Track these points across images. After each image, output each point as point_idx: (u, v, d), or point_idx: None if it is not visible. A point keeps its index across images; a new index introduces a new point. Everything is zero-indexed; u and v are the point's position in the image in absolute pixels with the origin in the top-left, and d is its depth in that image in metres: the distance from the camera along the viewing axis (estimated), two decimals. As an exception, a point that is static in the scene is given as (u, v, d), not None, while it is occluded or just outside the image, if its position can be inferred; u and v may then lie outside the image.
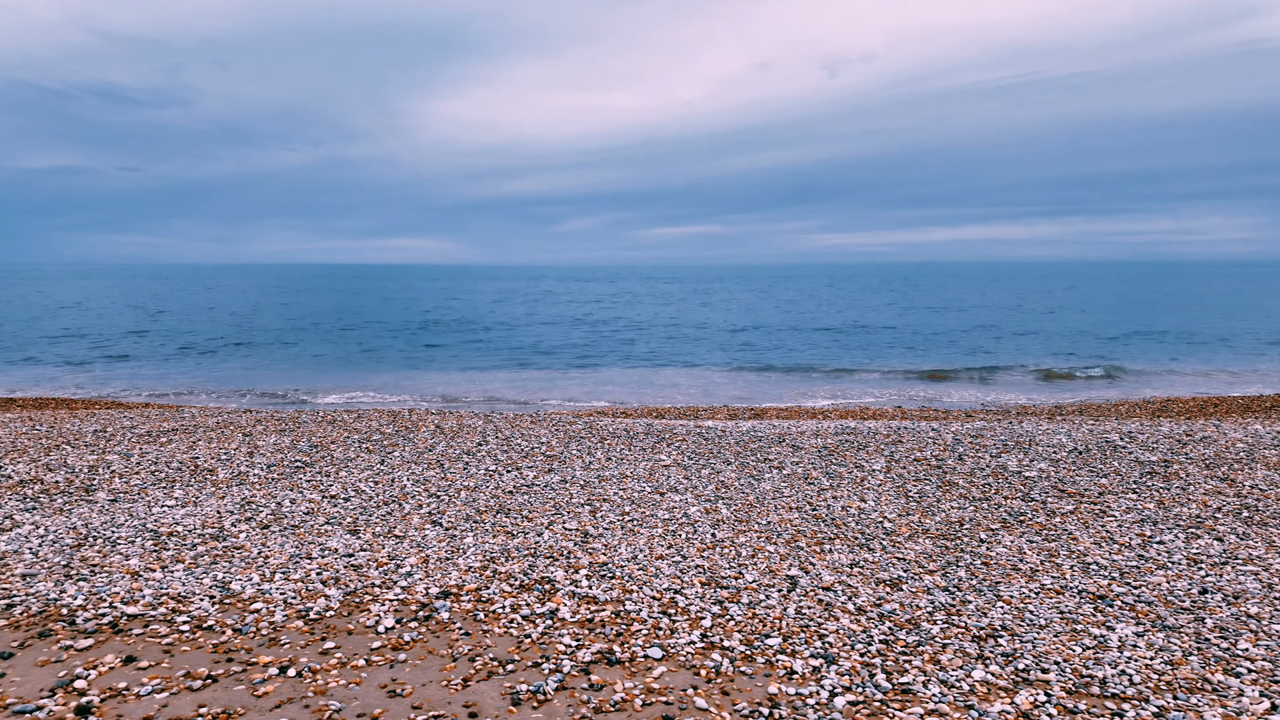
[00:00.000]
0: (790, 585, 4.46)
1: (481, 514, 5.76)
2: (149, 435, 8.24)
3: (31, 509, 5.82)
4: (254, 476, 6.71)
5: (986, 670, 3.46)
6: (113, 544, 5.08)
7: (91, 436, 8.13)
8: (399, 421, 9.14)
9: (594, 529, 5.42)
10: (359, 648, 3.69)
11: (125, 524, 5.45)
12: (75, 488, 6.36)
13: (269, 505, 5.90)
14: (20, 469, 6.79)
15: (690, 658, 3.59)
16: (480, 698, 3.23)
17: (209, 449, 7.59)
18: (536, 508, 5.91)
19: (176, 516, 5.63)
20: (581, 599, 4.25)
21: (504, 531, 5.38)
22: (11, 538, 5.20)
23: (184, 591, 4.31)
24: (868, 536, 5.32)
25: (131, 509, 5.82)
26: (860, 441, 8.11)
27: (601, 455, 7.50)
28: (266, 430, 8.52)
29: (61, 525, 5.43)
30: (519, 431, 8.60)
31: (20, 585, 4.39)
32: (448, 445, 7.86)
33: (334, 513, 5.75)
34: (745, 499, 6.15)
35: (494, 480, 6.68)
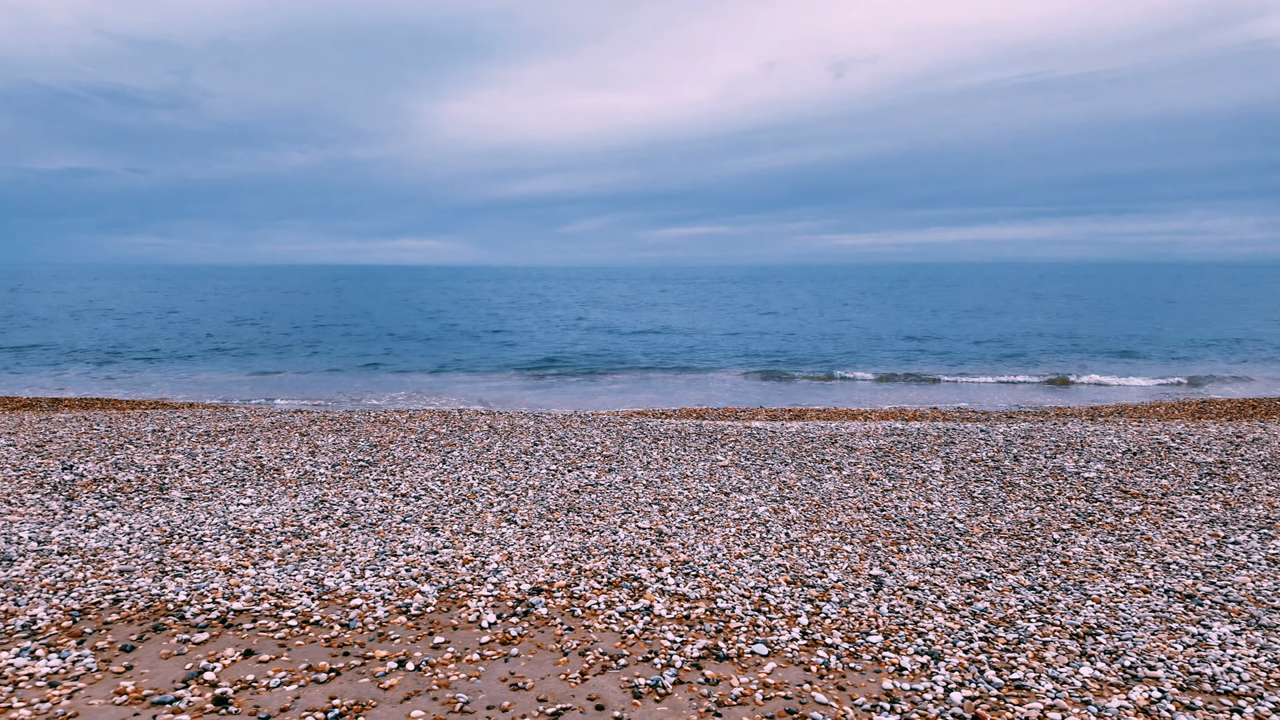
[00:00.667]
0: (876, 584, 4.51)
1: (553, 512, 5.83)
2: (207, 435, 8.35)
3: (112, 507, 5.93)
4: (321, 476, 6.81)
5: (1094, 667, 3.50)
6: (199, 541, 5.18)
7: (152, 436, 8.25)
8: (451, 422, 9.23)
9: (667, 528, 5.48)
10: (468, 642, 3.76)
11: (206, 522, 5.54)
12: (148, 486, 6.47)
13: (343, 504, 5.99)
14: (92, 468, 6.91)
15: (796, 654, 3.65)
16: (601, 691, 3.29)
17: (270, 449, 7.69)
18: (606, 506, 5.98)
19: (254, 515, 5.73)
20: (673, 596, 4.31)
21: (579, 530, 5.45)
22: (100, 535, 5.30)
23: (281, 588, 4.39)
24: (942, 536, 5.36)
25: (209, 507, 5.92)
26: (912, 443, 8.14)
27: (658, 455, 7.56)
28: (323, 430, 8.63)
29: (145, 523, 5.53)
30: (572, 432, 8.68)
31: (120, 581, 4.48)
32: (504, 445, 7.94)
33: (408, 511, 5.83)
34: (810, 499, 6.19)
35: (557, 479, 6.75)
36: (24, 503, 6.03)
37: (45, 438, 8.19)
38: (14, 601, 4.17)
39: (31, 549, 5.01)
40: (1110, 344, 26.56)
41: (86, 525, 5.51)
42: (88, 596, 4.25)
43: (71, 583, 4.45)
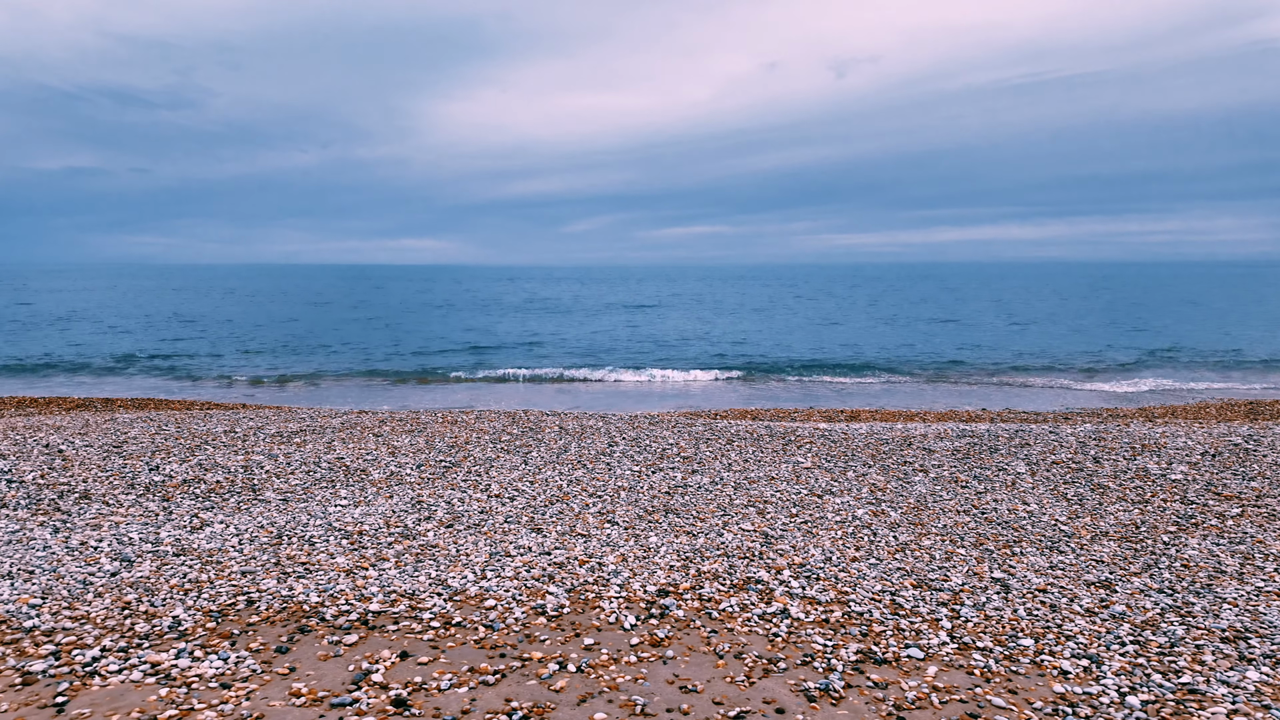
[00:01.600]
0: (1003, 588, 4.49)
1: (651, 514, 5.82)
2: (280, 436, 8.37)
3: (211, 508, 5.95)
4: (409, 476, 6.82)
5: (1259, 671, 3.48)
6: (309, 542, 5.19)
7: (226, 437, 8.27)
8: (520, 422, 9.23)
9: (771, 530, 5.47)
10: (617, 644, 3.76)
11: (310, 523, 5.56)
12: (240, 487, 6.49)
13: (440, 505, 5.99)
14: (178, 469, 6.93)
15: (951, 658, 3.63)
16: (773, 694, 3.29)
17: (348, 449, 7.71)
18: (701, 508, 5.97)
19: (354, 515, 5.74)
20: (804, 599, 4.30)
21: (683, 532, 5.44)
22: (208, 536, 5.32)
23: (409, 589, 4.39)
24: (1050, 539, 5.34)
25: (308, 508, 5.93)
26: (987, 444, 8.11)
27: (736, 457, 7.55)
28: (395, 431, 8.64)
29: (249, 524, 5.54)
30: (643, 433, 8.68)
31: (245, 582, 4.49)
32: (579, 446, 7.94)
33: (507, 512, 5.83)
34: (906, 502, 6.18)
35: (644, 481, 6.74)
36: (121, 504, 6.05)
37: (119, 438, 8.23)
38: (150, 602, 4.19)
39: (147, 550, 5.03)
40: (1142, 344, 26.46)
41: (191, 526, 5.53)
42: (220, 598, 4.26)
43: (199, 584, 4.46)
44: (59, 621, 3.95)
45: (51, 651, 3.60)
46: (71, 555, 4.93)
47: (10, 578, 4.55)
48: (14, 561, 4.81)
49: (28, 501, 6.04)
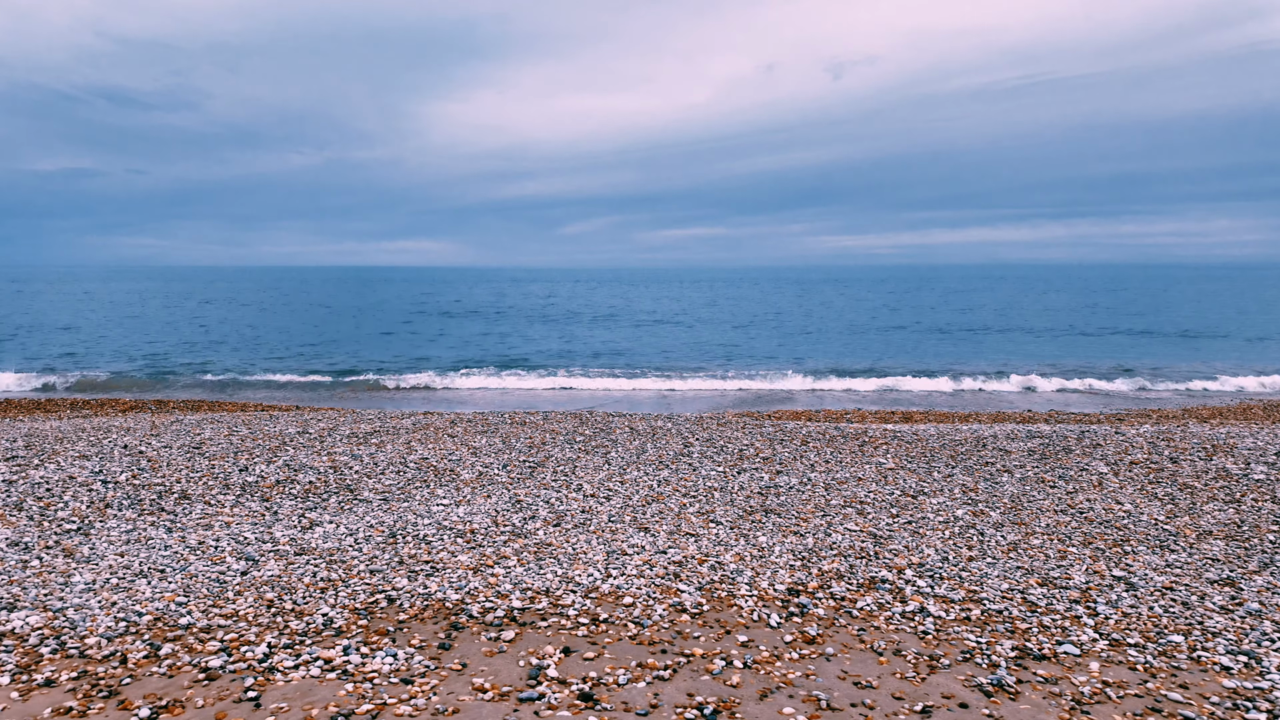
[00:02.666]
0: (1129, 586, 4.53)
1: (751, 514, 5.87)
2: (354, 437, 8.43)
3: (314, 508, 6.00)
4: (498, 477, 6.87)
5: None
6: (425, 541, 5.24)
7: (302, 438, 8.33)
8: (589, 423, 9.29)
9: (877, 531, 5.51)
10: (772, 641, 3.80)
11: (418, 522, 5.60)
12: (335, 487, 6.54)
13: (538, 504, 6.04)
14: (267, 469, 6.99)
15: (1108, 654, 3.67)
16: (948, 689, 3.33)
17: (429, 450, 7.76)
18: (799, 508, 6.01)
19: (459, 515, 5.79)
20: (937, 598, 4.34)
21: (790, 532, 5.48)
22: (322, 535, 5.37)
23: (543, 586, 4.44)
24: (1157, 538, 5.38)
25: (411, 508, 5.98)
26: (1059, 445, 8.15)
27: (814, 457, 7.60)
28: (469, 432, 8.70)
29: (359, 524, 5.59)
30: (714, 434, 8.73)
31: (378, 580, 4.54)
32: (654, 447, 7.99)
33: (608, 511, 5.88)
34: (1000, 502, 6.22)
35: (731, 481, 6.79)
36: (222, 504, 6.11)
37: (195, 440, 8.28)
38: (293, 600, 4.24)
39: (268, 550, 5.09)
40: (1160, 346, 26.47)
41: (302, 526, 5.58)
42: (359, 596, 4.31)
43: (332, 582, 4.51)
44: (211, 619, 4.00)
45: (220, 648, 3.66)
46: (195, 554, 4.98)
47: (145, 576, 4.61)
48: (142, 560, 4.87)
49: (130, 502, 6.10)
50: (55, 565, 4.79)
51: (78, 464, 7.21)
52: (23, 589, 4.39)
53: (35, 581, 4.51)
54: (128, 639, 3.75)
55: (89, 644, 3.68)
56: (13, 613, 4.03)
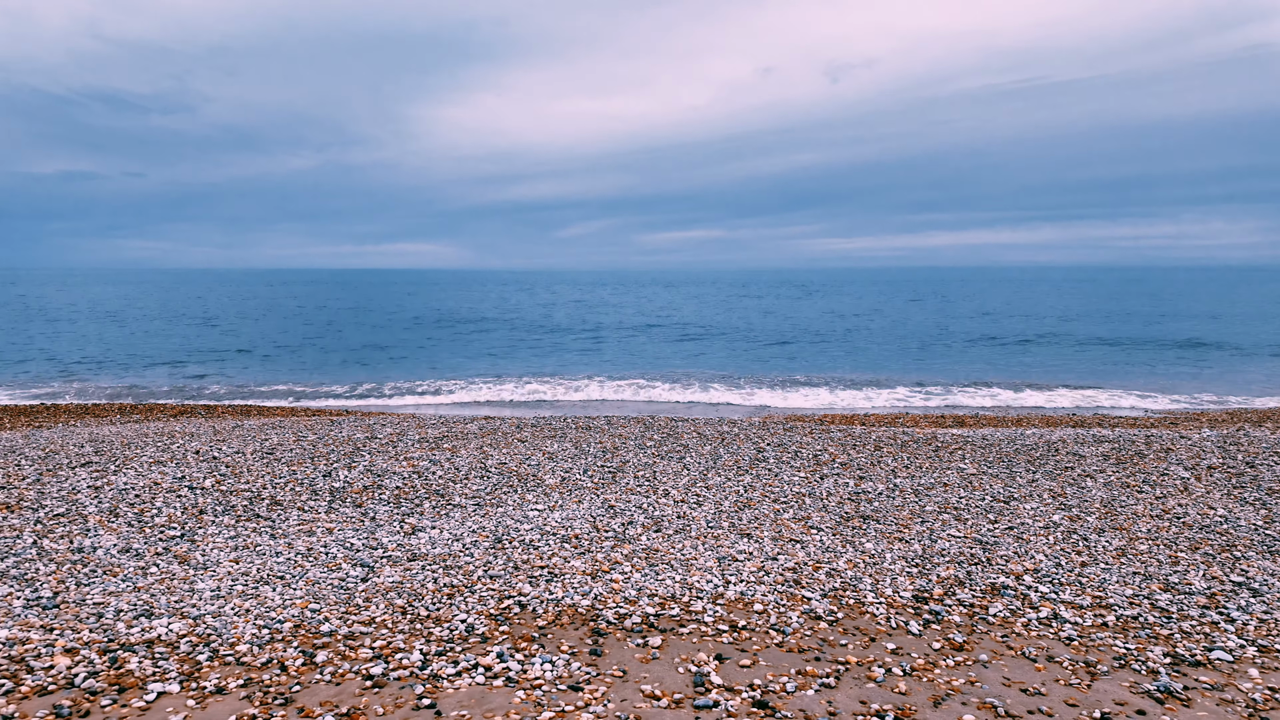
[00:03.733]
0: (1251, 591, 4.52)
1: (849, 520, 5.87)
2: (425, 442, 8.44)
3: (411, 513, 6.01)
4: (582, 481, 6.87)
5: None
6: (532, 546, 5.24)
7: (375, 443, 8.34)
8: (657, 427, 9.30)
9: (980, 537, 5.51)
10: (918, 648, 3.80)
11: (519, 527, 5.61)
12: (423, 493, 6.54)
13: (632, 510, 6.05)
14: (350, 475, 7.00)
15: (1261, 660, 3.67)
16: (1117, 695, 3.33)
17: (504, 455, 7.77)
18: (895, 514, 6.01)
19: (556, 519, 5.79)
20: (1066, 604, 4.34)
21: (895, 538, 5.48)
22: (428, 540, 5.37)
23: (667, 593, 4.44)
24: (1263, 543, 5.37)
25: (507, 513, 5.98)
26: (1130, 449, 8.15)
27: (892, 462, 7.60)
28: (538, 437, 8.71)
29: (461, 529, 5.60)
30: (784, 438, 8.74)
31: (500, 585, 4.54)
32: (729, 452, 8.00)
33: (704, 517, 5.88)
34: (1092, 506, 6.22)
35: (817, 487, 6.79)
36: (316, 510, 6.11)
37: (264, 446, 8.30)
38: (424, 606, 4.24)
39: (380, 555, 5.09)
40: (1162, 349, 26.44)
41: (404, 532, 5.58)
42: (488, 601, 4.31)
43: (455, 588, 4.51)
44: (350, 626, 4.00)
45: (374, 655, 3.66)
46: (309, 561, 4.99)
47: (267, 583, 4.61)
48: (259, 567, 4.87)
49: (223, 508, 6.11)
50: (174, 572, 4.80)
51: (156, 470, 7.22)
52: (151, 596, 4.40)
53: (160, 588, 4.52)
54: (277, 646, 3.75)
55: (240, 651, 3.69)
56: (152, 619, 4.03)
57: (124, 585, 4.56)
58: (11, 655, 3.62)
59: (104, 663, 3.55)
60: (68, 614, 4.13)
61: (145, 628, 3.93)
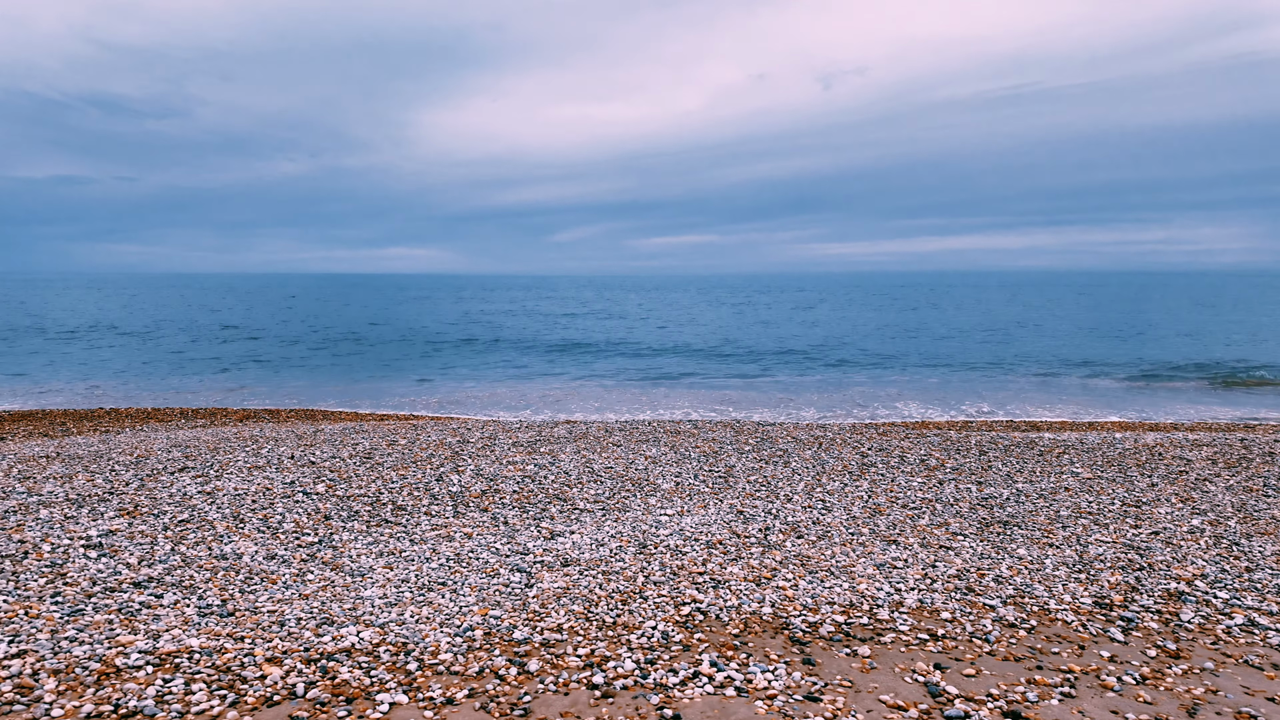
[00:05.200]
0: None
1: (989, 525, 5.79)
2: (520, 445, 8.36)
3: (540, 518, 5.93)
4: (698, 487, 6.80)
5: None
6: (680, 552, 5.16)
7: (472, 447, 8.26)
8: (746, 432, 9.22)
9: (1129, 542, 5.43)
10: (1128, 654, 3.72)
11: (656, 532, 5.53)
12: (544, 498, 6.46)
13: (762, 515, 5.97)
14: (462, 479, 6.92)
15: None
16: (1371, 706, 3.24)
17: (607, 458, 7.70)
18: (1031, 519, 5.93)
19: (690, 525, 5.71)
20: (1255, 610, 4.26)
21: (1044, 544, 5.40)
22: (573, 545, 5.29)
23: (845, 600, 4.36)
24: None
25: (637, 517, 5.91)
26: (1234, 453, 8.07)
27: (1002, 466, 7.52)
28: (631, 440, 8.63)
29: (599, 534, 5.52)
30: (881, 442, 8.66)
31: (669, 591, 4.46)
32: (832, 457, 7.92)
33: (839, 522, 5.80)
34: (1225, 510, 6.13)
35: (940, 492, 6.72)
36: (442, 514, 6.03)
37: (357, 450, 8.22)
38: (604, 613, 4.16)
39: (532, 561, 5.01)
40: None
41: (544, 537, 5.51)
42: (665, 608, 4.23)
43: (626, 594, 4.43)
44: (541, 633, 3.92)
45: (585, 664, 3.58)
46: (463, 567, 4.91)
47: (431, 590, 4.54)
48: (415, 574, 4.80)
49: (348, 514, 6.03)
50: (331, 579, 4.73)
51: (259, 475, 7.14)
52: (321, 603, 4.32)
53: (326, 596, 4.44)
54: (480, 654, 3.67)
55: (446, 659, 3.61)
56: (340, 628, 3.96)
57: (289, 593, 4.49)
58: (216, 665, 3.55)
59: (313, 672, 3.48)
60: (248, 622, 4.05)
61: (335, 636, 3.85)
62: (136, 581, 4.61)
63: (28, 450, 8.85)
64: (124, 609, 4.21)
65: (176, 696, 3.26)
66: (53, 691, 3.29)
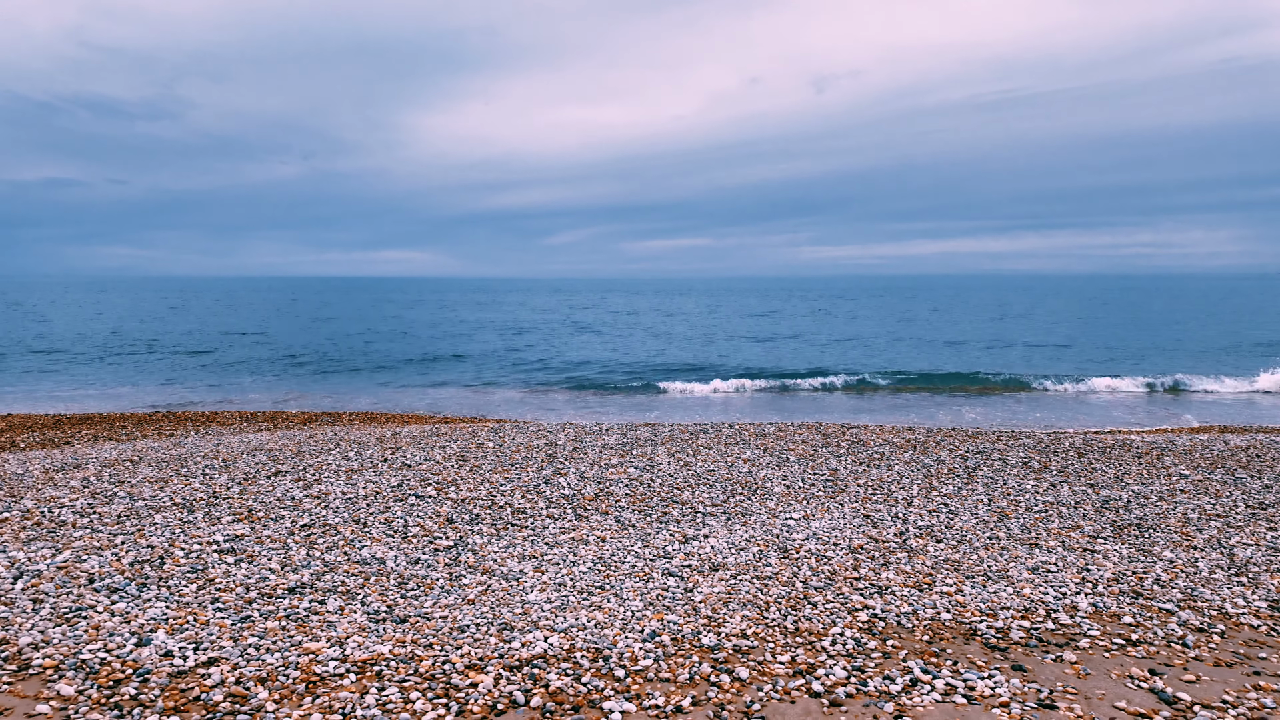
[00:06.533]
0: None
1: (1121, 528, 5.73)
2: (610, 448, 8.29)
3: (667, 521, 5.86)
4: (808, 490, 6.73)
5: None
6: (821, 556, 5.10)
7: (565, 450, 8.19)
8: (833, 434, 9.15)
9: (1270, 544, 5.36)
10: (1344, 662, 3.65)
11: (790, 536, 5.46)
12: (660, 501, 6.40)
13: (891, 519, 5.90)
14: (572, 482, 6.86)
15: None
16: None
17: (703, 461, 7.63)
18: (1163, 521, 5.87)
19: (821, 529, 5.64)
20: None
21: (1186, 546, 5.33)
22: (711, 549, 5.23)
23: (1018, 605, 4.30)
24: None
25: (761, 521, 5.84)
26: (1272, 454, 8.01)
27: (1108, 469, 7.45)
28: (718, 443, 8.56)
29: (734, 537, 5.45)
30: (979, 445, 8.60)
31: (830, 596, 4.40)
32: (933, 460, 7.85)
33: (970, 525, 5.74)
34: (1351, 513, 6.07)
35: (1057, 494, 6.65)
36: (566, 517, 5.97)
37: (450, 452, 8.16)
38: (779, 618, 4.09)
39: (680, 565, 4.95)
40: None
41: (679, 539, 5.44)
42: (838, 613, 4.17)
43: (790, 599, 4.37)
44: (727, 639, 3.86)
45: (793, 671, 3.52)
46: (613, 571, 4.85)
47: (589, 594, 4.47)
48: (568, 577, 4.73)
49: (469, 517, 5.97)
50: (488, 584, 4.66)
51: (360, 479, 7.08)
52: (489, 609, 4.25)
53: (490, 600, 4.38)
54: (679, 660, 3.61)
55: (646, 665, 3.54)
56: (522, 634, 3.89)
57: (451, 597, 4.42)
58: (420, 672, 3.49)
59: (523, 679, 3.41)
60: (425, 628, 3.99)
61: (524, 642, 3.79)
62: (291, 588, 4.55)
63: (107, 453, 8.80)
64: (291, 615, 4.14)
65: (397, 705, 3.20)
66: (270, 700, 3.23)
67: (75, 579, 4.64)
